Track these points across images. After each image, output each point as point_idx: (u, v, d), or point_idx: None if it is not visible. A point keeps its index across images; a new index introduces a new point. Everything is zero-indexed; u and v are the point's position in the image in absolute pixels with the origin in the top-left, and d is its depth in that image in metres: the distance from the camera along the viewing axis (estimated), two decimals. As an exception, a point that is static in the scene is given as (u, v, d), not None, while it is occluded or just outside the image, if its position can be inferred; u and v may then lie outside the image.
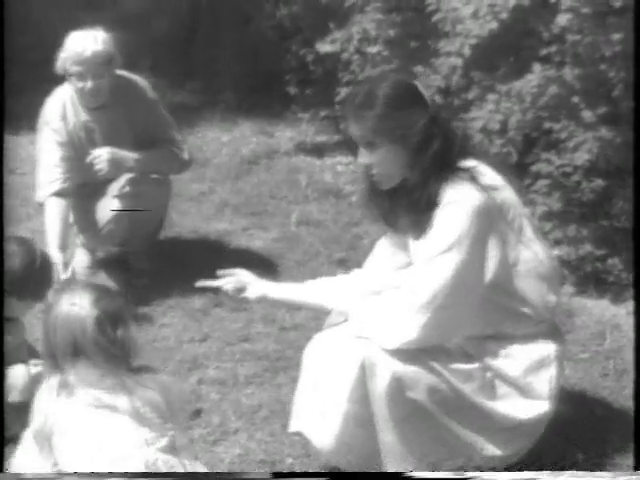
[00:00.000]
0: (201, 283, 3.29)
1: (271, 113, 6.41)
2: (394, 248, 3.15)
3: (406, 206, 2.90)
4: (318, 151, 5.94)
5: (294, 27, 6.06)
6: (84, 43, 4.07)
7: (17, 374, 3.34)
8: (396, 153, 2.83)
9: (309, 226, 4.95)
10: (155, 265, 4.47)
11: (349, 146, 5.99)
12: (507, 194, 2.93)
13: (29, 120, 6.36)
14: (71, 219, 4.36)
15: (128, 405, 2.60)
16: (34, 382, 3.25)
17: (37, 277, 3.31)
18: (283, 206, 5.18)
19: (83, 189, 4.31)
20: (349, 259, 4.62)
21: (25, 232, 4.80)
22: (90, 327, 2.59)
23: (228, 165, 5.69)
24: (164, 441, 2.63)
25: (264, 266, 4.54)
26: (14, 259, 3.28)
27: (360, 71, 4.96)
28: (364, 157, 2.88)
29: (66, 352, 2.60)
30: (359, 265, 4.50)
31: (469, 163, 2.89)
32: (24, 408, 3.18)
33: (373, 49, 4.85)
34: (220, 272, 3.22)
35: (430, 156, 2.80)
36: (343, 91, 5.27)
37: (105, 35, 4.13)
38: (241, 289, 3.18)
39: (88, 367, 2.59)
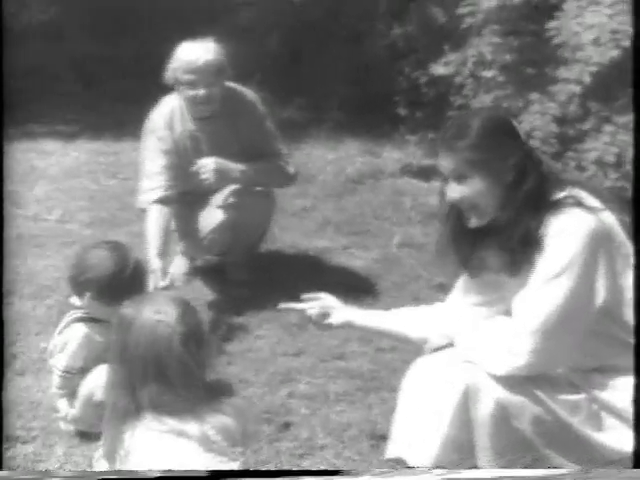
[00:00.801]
0: (285, 305, 3.26)
1: (378, 133, 6.39)
2: (475, 287, 3.08)
3: (497, 245, 2.82)
4: (425, 174, 5.87)
5: (408, 47, 6.01)
6: (196, 52, 4.10)
7: (104, 374, 3.39)
8: (488, 188, 2.75)
9: (411, 249, 4.88)
10: (253, 277, 4.48)
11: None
12: (612, 219, 2.84)
13: (132, 127, 6.55)
14: (172, 226, 4.38)
15: (197, 431, 2.53)
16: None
17: (128, 284, 3.30)
18: (386, 227, 5.13)
19: (186, 197, 4.33)
20: (449, 284, 4.52)
21: (124, 237, 4.89)
22: (176, 345, 2.51)
23: (332, 183, 5.68)
24: (235, 466, 2.58)
25: (363, 286, 4.52)
26: (105, 264, 3.31)
27: (473, 95, 4.89)
28: (454, 192, 2.79)
29: (146, 370, 2.51)
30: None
31: (566, 192, 2.79)
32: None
33: (488, 73, 4.77)
34: (305, 296, 3.19)
35: (524, 193, 2.72)
36: (456, 115, 5.19)
37: (216, 45, 4.16)
38: (325, 314, 3.15)
39: (162, 388, 2.50)
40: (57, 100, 6.77)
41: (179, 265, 4.44)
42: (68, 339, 3.36)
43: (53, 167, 5.78)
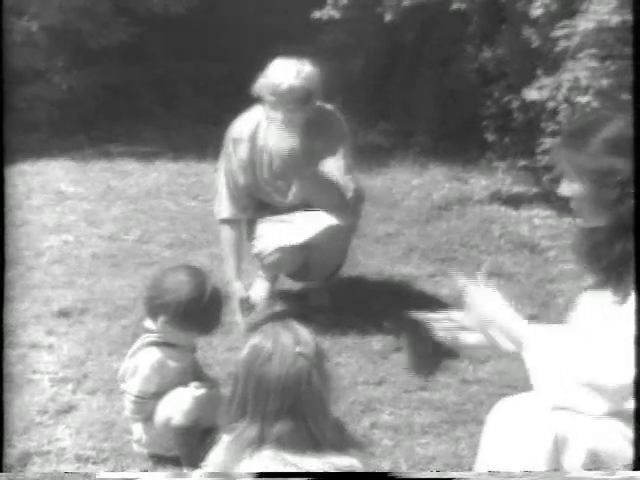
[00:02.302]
0: (417, 314, 2.99)
1: (466, 159, 6.20)
2: (597, 305, 2.87)
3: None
4: (514, 202, 5.66)
5: (498, 71, 5.82)
6: (284, 75, 3.92)
7: (182, 397, 3.24)
8: (592, 196, 2.60)
9: (500, 278, 4.65)
10: (336, 303, 4.31)
11: (548, 199, 5.74)
12: None
13: (214, 148, 6.47)
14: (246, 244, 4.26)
15: (316, 469, 2.38)
16: (198, 405, 3.19)
17: (204, 311, 3.19)
18: (473, 255, 4.92)
19: (260, 213, 4.20)
20: (540, 316, 4.31)
21: (205, 259, 4.82)
22: (316, 379, 2.38)
23: (418, 209, 5.49)
24: None
25: (449, 315, 4.34)
26: (183, 289, 3.18)
27: (567, 122, 4.67)
28: (564, 189, 2.67)
29: (282, 404, 2.35)
30: (549, 323, 4.28)
31: None
32: (188, 431, 3.18)
33: (583, 99, 4.55)
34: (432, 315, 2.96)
35: (622, 213, 2.54)
36: (547, 141, 4.99)
37: (309, 69, 3.95)
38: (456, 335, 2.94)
39: (296, 424, 2.35)
40: (136, 120, 6.74)
41: (260, 289, 4.28)
42: (140, 363, 3.23)
43: (132, 187, 5.71)
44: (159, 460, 3.32)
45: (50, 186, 5.63)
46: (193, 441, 3.17)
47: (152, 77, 6.85)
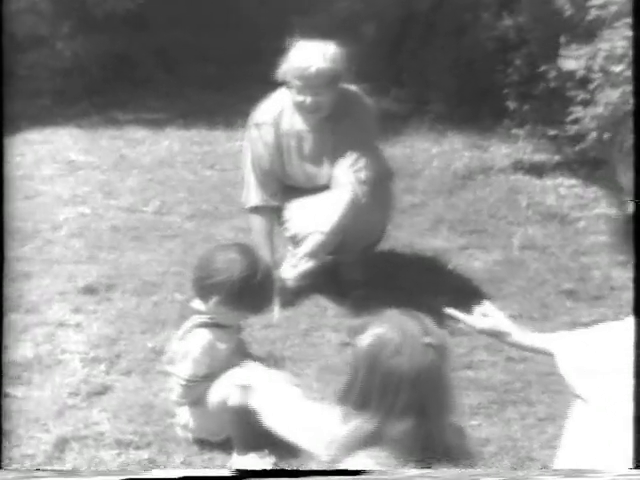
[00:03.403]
0: (451, 311, 2.99)
1: (483, 127, 6.02)
2: None
3: None
4: (537, 170, 5.52)
5: (519, 39, 5.68)
6: (310, 58, 3.79)
7: (238, 377, 3.12)
8: None
9: (533, 251, 4.54)
10: (369, 277, 4.17)
11: (571, 167, 5.62)
12: None
13: (222, 115, 6.30)
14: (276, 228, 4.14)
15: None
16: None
17: (256, 290, 3.08)
18: (502, 226, 4.78)
19: (291, 195, 4.06)
20: (578, 291, 4.22)
21: (228, 232, 4.66)
22: (445, 372, 2.25)
23: (440, 178, 5.33)
24: None
25: (486, 290, 4.19)
26: (236, 267, 3.05)
27: (600, 91, 4.54)
28: None
29: (410, 401, 2.19)
30: (589, 299, 4.19)
31: None
32: (245, 412, 3.02)
33: (617, 68, 4.43)
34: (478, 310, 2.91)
35: None
36: (577, 110, 4.87)
37: (335, 50, 3.83)
38: (498, 334, 2.87)
39: (419, 422, 2.20)
40: (141, 87, 6.54)
41: (289, 268, 4.07)
42: (191, 346, 3.10)
43: (145, 156, 5.51)
44: (205, 445, 3.22)
45: (60, 155, 5.42)
46: (249, 422, 3.07)
47: (156, 45, 6.64)
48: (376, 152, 4.02)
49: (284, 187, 4.05)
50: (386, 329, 2.28)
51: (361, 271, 4.15)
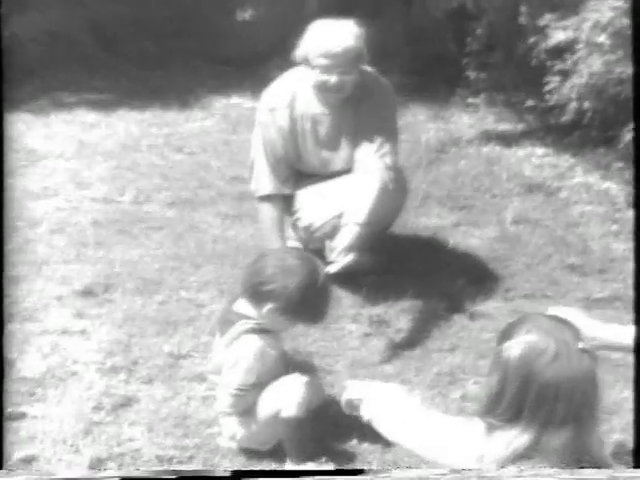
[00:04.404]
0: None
1: (440, 97, 5.98)
2: None
3: None
4: (505, 141, 5.51)
5: (477, 9, 5.61)
6: (337, 36, 3.65)
7: (291, 387, 2.96)
8: None
9: (526, 225, 4.51)
10: (375, 262, 4.08)
11: (537, 136, 5.62)
12: None
13: (177, 95, 6.00)
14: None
15: None
16: (308, 394, 2.95)
17: (315, 300, 2.92)
18: (490, 200, 4.74)
19: (303, 182, 3.91)
20: (582, 265, 4.21)
21: (213, 218, 4.44)
22: (599, 381, 2.13)
23: (413, 151, 5.24)
24: None
25: (492, 268, 4.14)
26: (297, 275, 2.88)
27: (583, 61, 4.52)
28: None
29: (568, 411, 2.09)
30: (594, 272, 4.18)
31: None
32: (300, 422, 2.93)
33: (599, 38, 4.43)
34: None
35: None
36: (554, 80, 4.85)
37: (358, 29, 3.71)
38: None
39: (571, 433, 2.09)
40: (80, 66, 6.23)
41: (330, 266, 3.78)
42: (241, 353, 2.92)
43: (105, 141, 5.24)
44: (253, 455, 3.06)
45: (16, 144, 5.10)
46: (304, 432, 2.95)
47: (93, 22, 6.34)
48: (397, 136, 3.91)
49: (296, 174, 3.89)
50: (538, 336, 2.16)
51: (368, 257, 4.06)
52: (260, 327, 2.95)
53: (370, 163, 3.73)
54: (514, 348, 2.14)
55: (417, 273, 4.00)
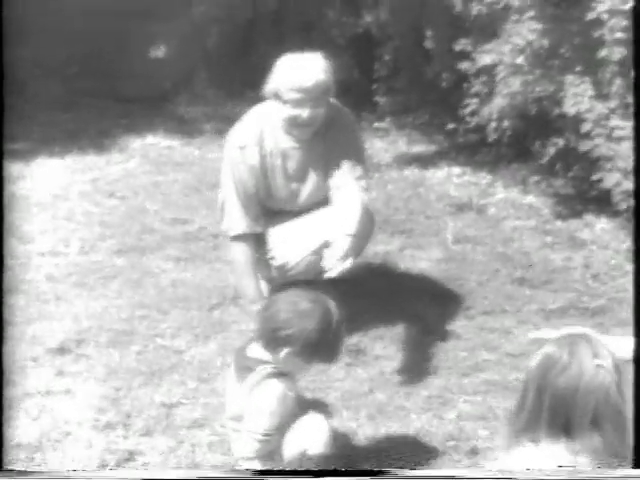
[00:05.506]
0: (535, 334, 2.94)
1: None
2: None
3: None
4: (421, 162, 5.72)
5: (382, 34, 5.78)
6: (307, 71, 3.71)
7: (314, 426, 3.01)
8: None
9: (466, 244, 4.69)
10: (340, 290, 4.15)
11: (449, 156, 5.83)
12: None
13: (90, 138, 5.86)
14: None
15: None
16: (331, 431, 3.04)
17: (331, 340, 2.98)
18: (426, 222, 4.90)
19: (273, 219, 3.96)
20: (529, 278, 4.41)
21: (164, 263, 4.43)
22: (614, 393, 2.23)
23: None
24: None
25: (447, 290, 4.31)
26: (310, 320, 2.93)
27: (504, 82, 4.74)
28: None
29: (581, 420, 2.22)
30: (541, 284, 4.39)
31: None
32: (327, 459, 2.99)
33: (518, 59, 4.67)
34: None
35: None
36: (473, 102, 5.07)
37: (326, 62, 3.77)
38: None
39: (607, 439, 2.22)
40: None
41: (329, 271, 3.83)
42: (264, 398, 2.96)
43: (34, 192, 5.11)
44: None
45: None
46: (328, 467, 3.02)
47: (-1, 66, 6.15)
48: (366, 160, 4.01)
49: (266, 212, 3.93)
50: (554, 348, 2.31)
51: (332, 286, 4.11)
52: (279, 371, 3.01)
53: (348, 187, 3.82)
54: (532, 360, 2.32)
55: (382, 298, 4.12)
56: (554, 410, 2.25)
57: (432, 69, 5.53)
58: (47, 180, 5.24)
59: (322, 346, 2.96)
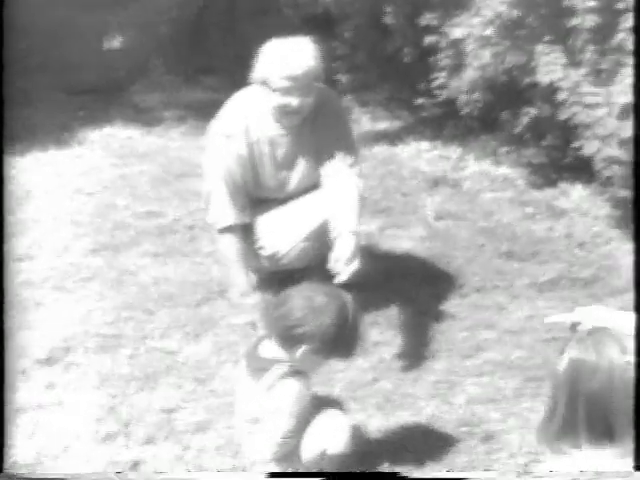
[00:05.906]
0: (551, 319, 2.70)
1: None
2: None
3: None
4: (388, 138, 5.61)
5: (342, 13, 5.66)
6: (297, 58, 3.57)
7: (333, 425, 2.93)
8: None
9: (448, 220, 4.63)
10: (328, 278, 4.05)
11: (417, 130, 5.74)
12: None
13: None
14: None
15: None
16: (350, 428, 2.97)
17: (349, 334, 2.89)
18: (402, 200, 4.82)
19: (261, 207, 3.87)
20: (515, 251, 4.37)
21: (143, 259, 4.28)
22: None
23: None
24: None
25: (434, 269, 4.24)
26: (326, 315, 2.83)
27: (474, 55, 4.66)
28: None
29: (622, 424, 2.13)
30: (528, 256, 4.34)
31: None
32: (347, 457, 2.93)
33: (487, 31, 4.60)
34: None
35: None
36: (441, 76, 4.99)
37: (314, 46, 3.63)
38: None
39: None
40: None
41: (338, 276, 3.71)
42: (282, 399, 2.86)
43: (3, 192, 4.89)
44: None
45: None
46: (348, 466, 2.94)
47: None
48: (356, 146, 3.90)
49: (253, 201, 3.82)
50: (580, 351, 2.21)
51: (319, 273, 4.00)
52: (295, 369, 2.90)
53: (342, 175, 3.73)
54: (559, 364, 2.21)
55: (372, 281, 4.00)
56: (591, 416, 2.16)
57: (392, 44, 5.44)
58: (10, 180, 5.03)
59: (340, 341, 2.87)
